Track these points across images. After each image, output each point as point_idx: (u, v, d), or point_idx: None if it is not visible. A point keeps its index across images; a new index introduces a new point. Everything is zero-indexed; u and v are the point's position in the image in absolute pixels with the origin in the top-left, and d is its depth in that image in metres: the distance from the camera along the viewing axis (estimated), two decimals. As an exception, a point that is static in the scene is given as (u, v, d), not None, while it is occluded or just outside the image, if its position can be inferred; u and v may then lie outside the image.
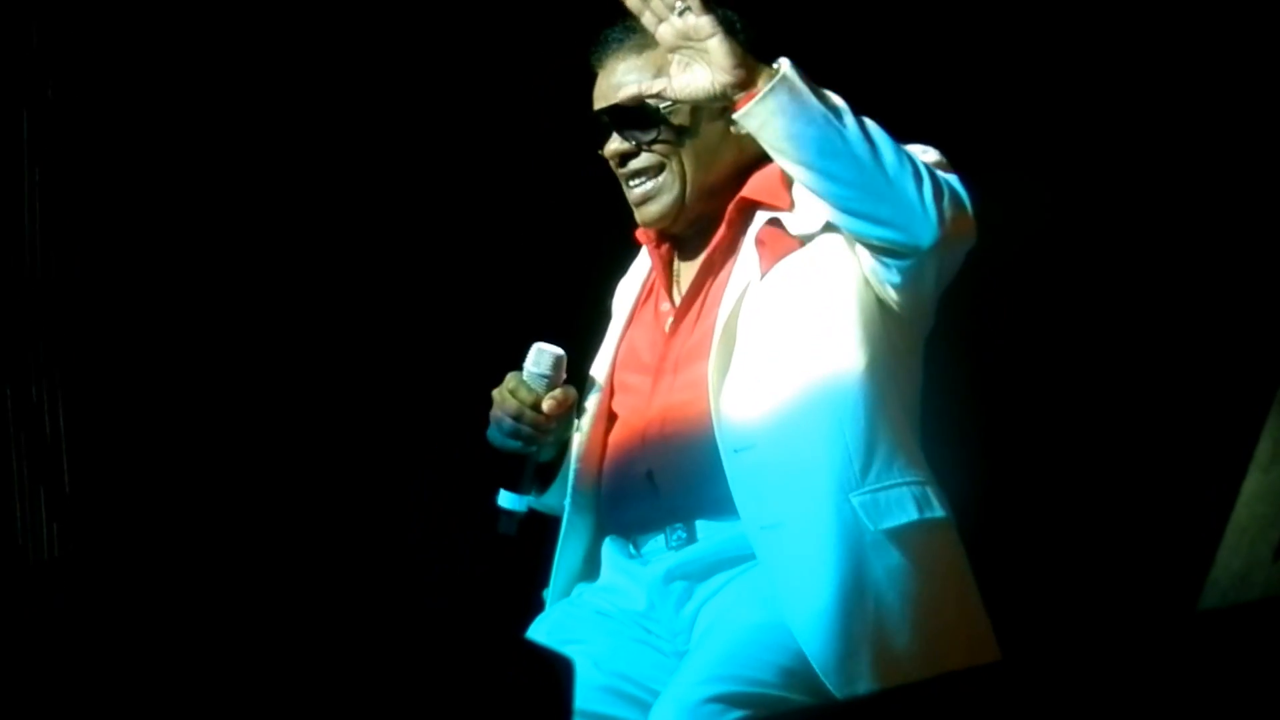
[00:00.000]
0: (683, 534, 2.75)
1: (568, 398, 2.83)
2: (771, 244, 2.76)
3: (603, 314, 3.02)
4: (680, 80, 2.67)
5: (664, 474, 2.76)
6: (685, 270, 2.89)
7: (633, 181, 2.84)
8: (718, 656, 2.61)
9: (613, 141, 2.83)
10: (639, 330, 2.91)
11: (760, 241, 2.77)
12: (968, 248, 2.69)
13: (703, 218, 2.84)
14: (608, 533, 2.86)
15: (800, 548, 2.62)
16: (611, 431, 2.86)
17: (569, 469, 2.87)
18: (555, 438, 2.85)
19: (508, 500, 2.84)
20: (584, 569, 2.88)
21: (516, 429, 2.81)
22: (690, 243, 2.88)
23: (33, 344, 3.87)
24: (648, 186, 2.82)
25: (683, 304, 2.84)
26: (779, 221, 2.77)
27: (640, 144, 2.82)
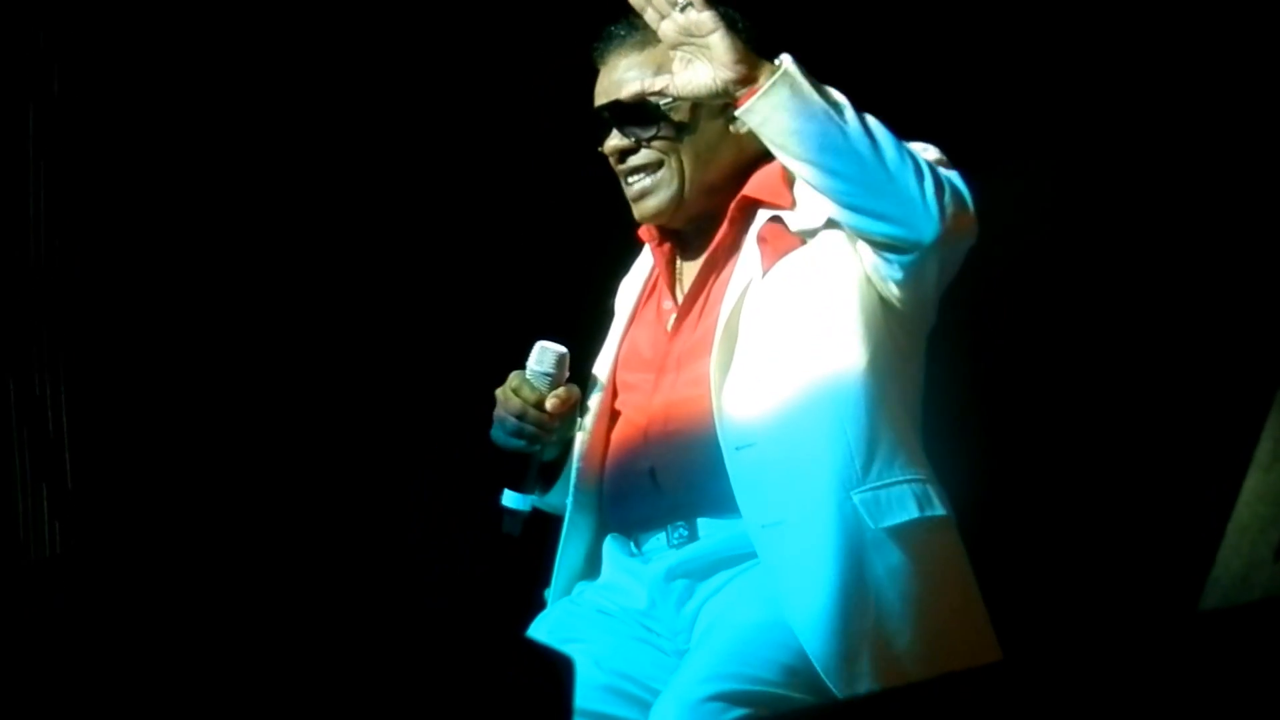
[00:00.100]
0: (684, 532, 2.75)
1: (571, 396, 2.83)
2: (773, 242, 2.76)
3: (605, 313, 3.02)
4: (682, 77, 2.67)
5: (666, 472, 2.76)
6: (687, 269, 2.89)
7: (632, 178, 2.83)
8: (719, 655, 2.61)
9: (613, 138, 2.83)
10: (641, 329, 2.91)
11: (762, 239, 2.77)
12: (969, 244, 2.69)
13: (703, 215, 2.84)
14: (609, 531, 2.86)
15: (801, 546, 2.62)
16: (614, 430, 2.86)
17: (571, 467, 2.87)
18: (559, 436, 2.85)
19: (511, 500, 2.84)
20: (585, 567, 2.88)
21: (520, 428, 2.81)
22: (692, 241, 2.88)
23: (36, 338, 3.87)
24: (646, 182, 2.82)
25: (685, 302, 2.84)
26: (780, 220, 2.77)
27: (640, 140, 2.81)
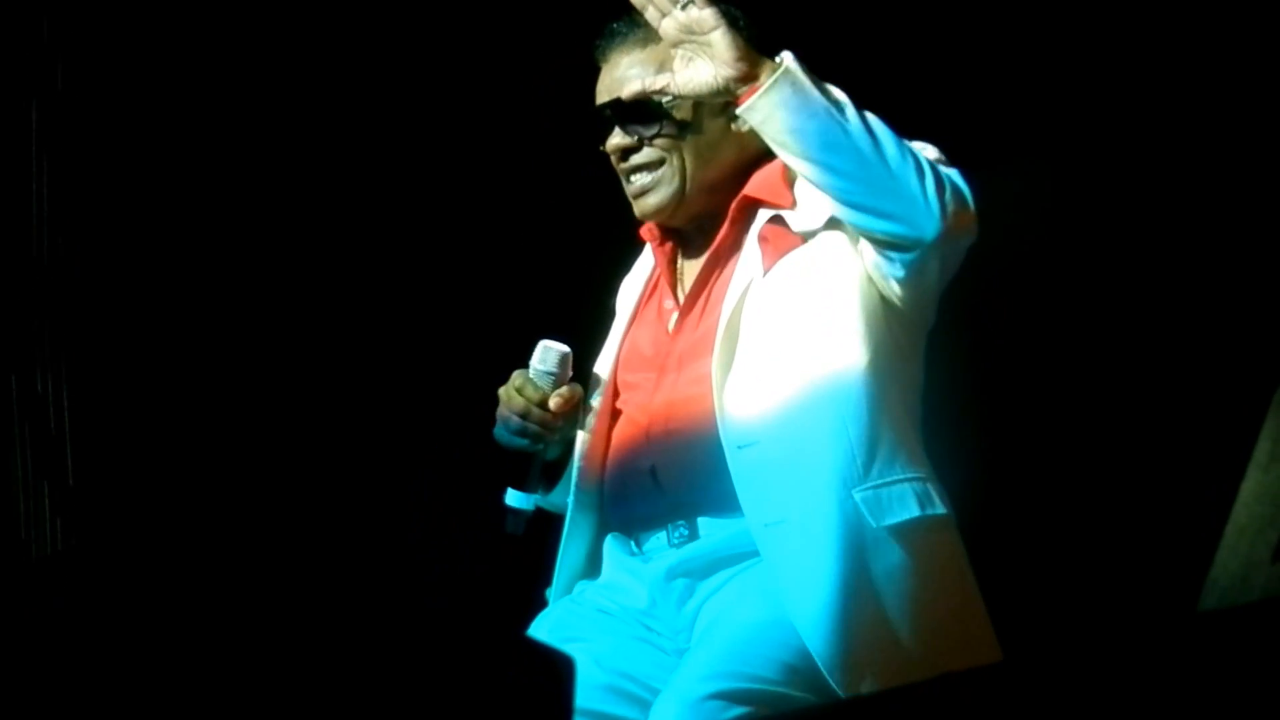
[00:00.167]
0: (685, 531, 2.75)
1: (574, 395, 2.83)
2: (774, 241, 2.76)
3: (606, 312, 3.02)
4: (683, 75, 2.67)
5: (667, 471, 2.76)
6: (689, 268, 2.89)
7: (633, 176, 2.83)
8: (719, 653, 2.61)
9: (614, 136, 2.83)
10: (642, 328, 2.91)
11: (763, 239, 2.77)
12: (969, 242, 2.69)
13: (704, 214, 2.84)
14: (610, 530, 2.85)
15: (804, 544, 2.62)
16: (615, 429, 2.85)
17: (572, 467, 2.87)
18: (562, 436, 2.85)
19: (514, 499, 2.83)
20: (586, 566, 2.87)
21: (523, 427, 2.81)
22: (693, 241, 2.88)
23: (39, 336, 3.87)
24: (647, 180, 2.82)
25: (686, 302, 2.84)
26: (781, 219, 2.77)
27: (642, 138, 2.81)
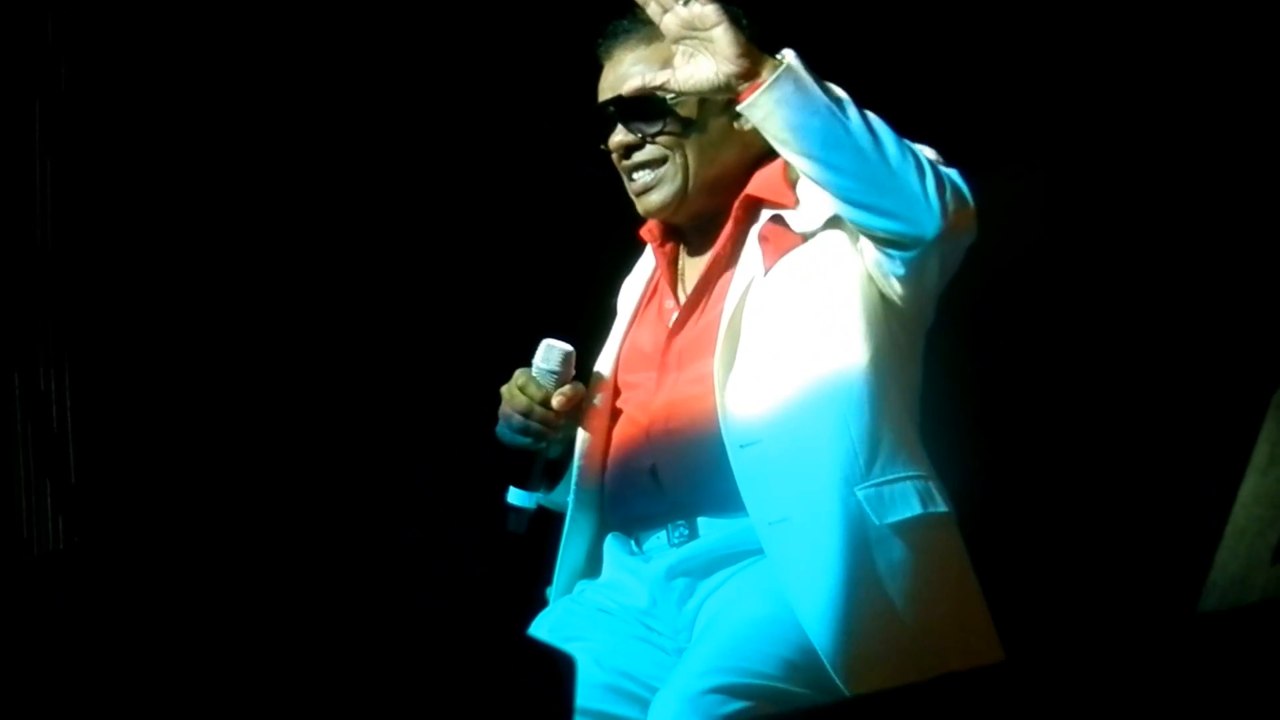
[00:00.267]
0: (684, 530, 2.76)
1: (577, 393, 2.83)
2: (775, 240, 2.76)
3: (607, 313, 3.02)
4: (684, 71, 2.66)
5: (667, 470, 2.76)
6: (689, 268, 2.89)
7: (636, 174, 2.83)
8: (719, 648, 2.62)
9: (617, 133, 2.83)
10: (643, 329, 2.91)
11: (764, 238, 2.77)
12: (969, 241, 2.70)
13: (705, 213, 2.85)
14: (611, 529, 2.86)
15: (807, 541, 2.62)
16: (615, 429, 2.86)
17: (573, 466, 2.87)
18: (564, 434, 2.85)
19: (516, 497, 2.84)
20: (587, 566, 2.88)
21: (526, 425, 2.81)
22: (694, 240, 2.89)
23: (41, 334, 3.88)
24: (649, 178, 2.82)
25: (688, 301, 2.84)
26: (782, 219, 2.77)
27: (645, 136, 2.81)
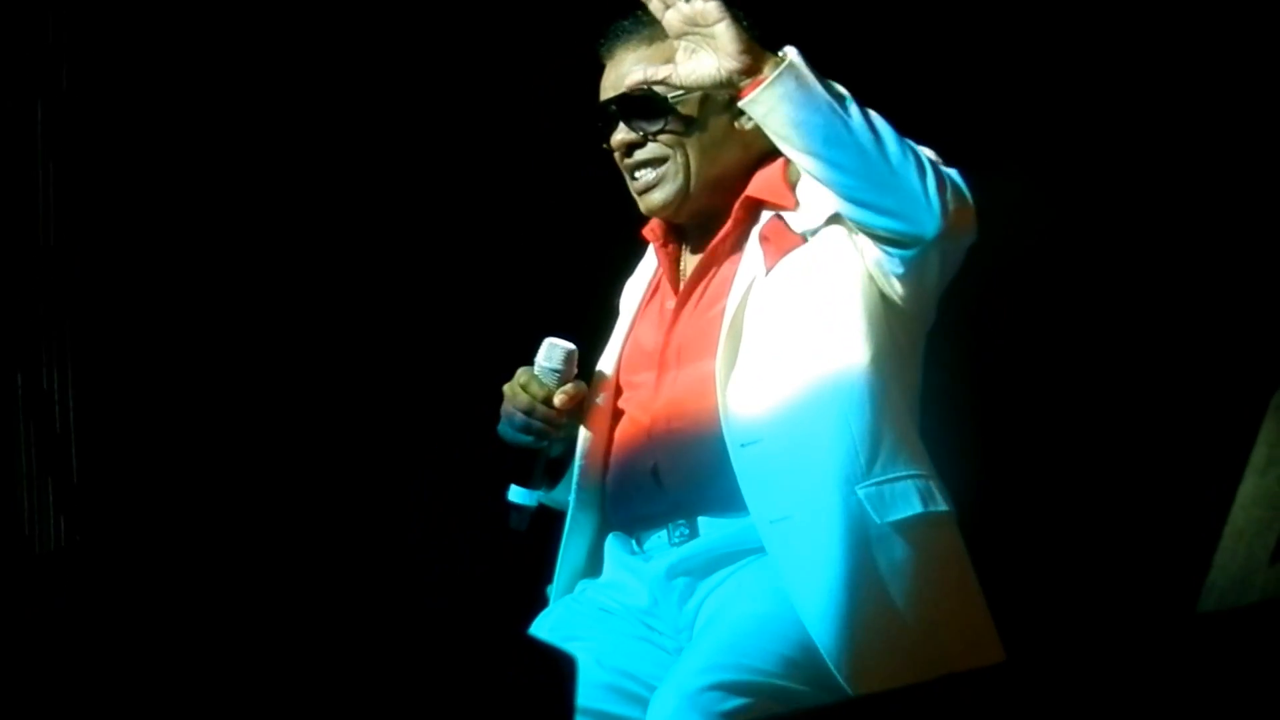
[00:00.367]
0: (685, 530, 2.76)
1: (579, 392, 2.83)
2: (776, 240, 2.77)
3: (610, 312, 3.02)
4: (686, 66, 2.66)
5: (669, 469, 2.77)
6: (691, 268, 2.89)
7: (638, 172, 2.84)
8: (718, 645, 2.62)
9: (619, 132, 2.83)
10: (645, 328, 2.91)
11: (764, 238, 2.78)
12: (969, 241, 2.70)
13: (707, 212, 2.85)
14: (612, 529, 2.86)
15: (808, 540, 2.62)
16: (617, 428, 2.86)
17: (575, 465, 2.87)
18: (566, 433, 2.85)
19: (518, 495, 2.84)
20: (588, 565, 2.88)
21: (528, 424, 2.81)
22: (696, 240, 2.89)
23: (44, 333, 3.88)
24: (651, 176, 2.83)
25: (683, 294, 2.84)
26: (783, 218, 2.78)
27: (646, 134, 2.82)
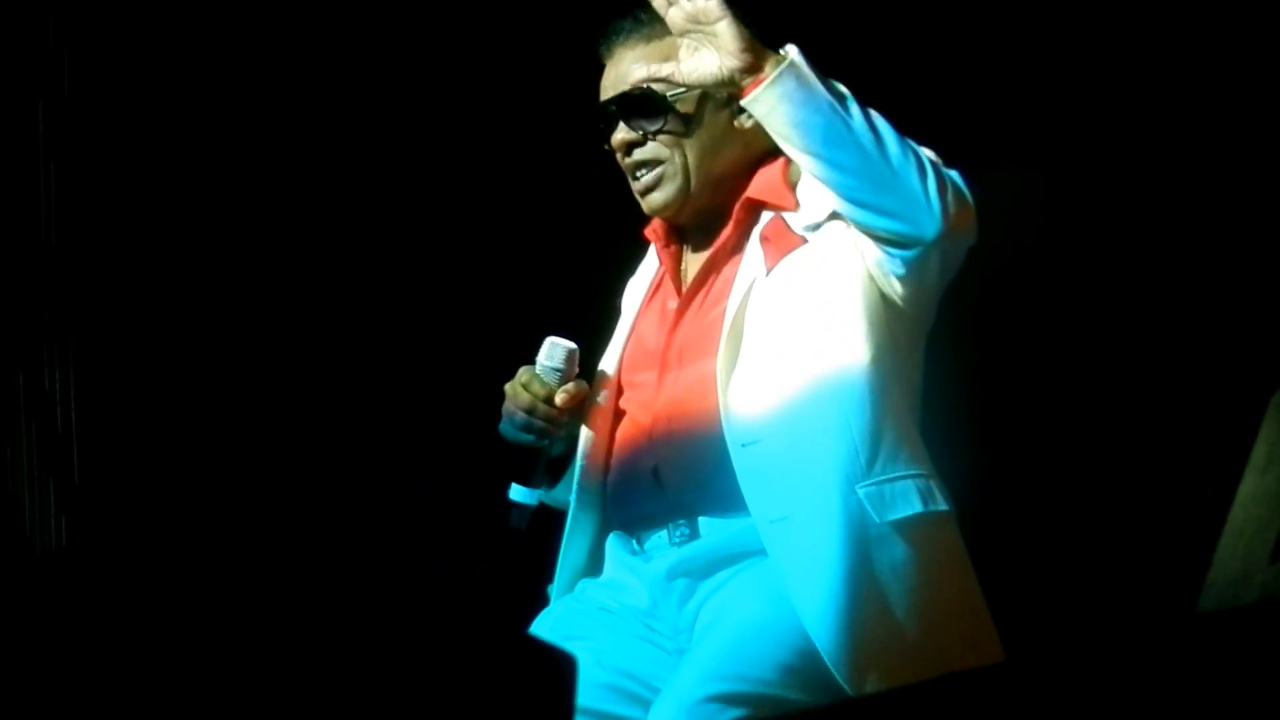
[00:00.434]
0: (685, 530, 2.76)
1: (580, 391, 2.83)
2: (776, 240, 2.77)
3: (611, 312, 3.02)
4: (688, 64, 2.67)
5: (669, 469, 2.77)
6: (693, 268, 2.89)
7: (638, 172, 2.84)
8: (718, 654, 2.62)
9: (619, 131, 2.83)
10: (646, 328, 2.91)
11: (765, 238, 2.78)
12: (970, 242, 2.70)
13: (708, 211, 2.85)
14: (612, 528, 2.86)
15: (808, 539, 2.62)
16: (618, 428, 2.86)
17: (575, 465, 2.87)
18: (567, 432, 2.85)
19: (519, 494, 2.84)
20: (588, 564, 2.88)
21: (529, 423, 2.81)
22: (698, 240, 2.89)
23: (46, 334, 3.88)
24: (651, 176, 2.83)
25: (685, 296, 2.85)
26: (784, 219, 2.78)
27: (647, 134, 2.82)
